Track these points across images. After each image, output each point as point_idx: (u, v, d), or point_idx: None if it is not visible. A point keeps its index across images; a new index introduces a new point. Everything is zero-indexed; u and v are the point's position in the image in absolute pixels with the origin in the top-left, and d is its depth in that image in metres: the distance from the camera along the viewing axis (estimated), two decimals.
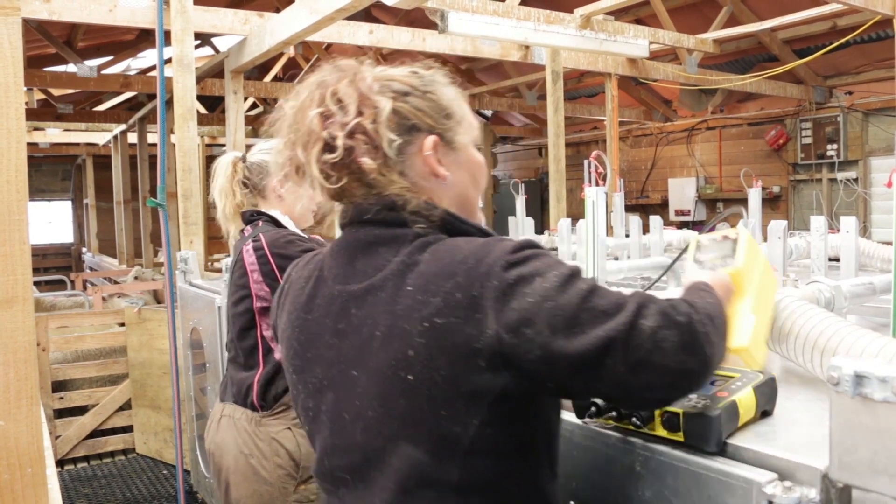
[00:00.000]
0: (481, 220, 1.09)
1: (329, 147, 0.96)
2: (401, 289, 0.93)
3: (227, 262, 2.59)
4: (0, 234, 1.17)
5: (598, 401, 1.15)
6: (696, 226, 7.72)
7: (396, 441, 0.93)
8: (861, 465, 0.89)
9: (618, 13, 4.75)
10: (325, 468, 1.04)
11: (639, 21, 6.11)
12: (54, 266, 12.46)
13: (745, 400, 1.09)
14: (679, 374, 0.86)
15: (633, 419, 1.10)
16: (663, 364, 0.84)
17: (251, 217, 2.02)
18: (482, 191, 1.11)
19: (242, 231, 2.04)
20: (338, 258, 1.03)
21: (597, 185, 2.07)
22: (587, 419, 1.17)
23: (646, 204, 8.74)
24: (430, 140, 0.99)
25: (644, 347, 0.84)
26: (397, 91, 0.99)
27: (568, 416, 1.25)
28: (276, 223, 2.00)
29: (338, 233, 1.08)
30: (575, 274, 0.91)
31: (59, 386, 4.62)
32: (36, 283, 8.22)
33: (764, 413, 1.15)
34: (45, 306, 6.14)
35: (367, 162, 0.95)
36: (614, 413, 1.11)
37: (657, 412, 1.07)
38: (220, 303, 2.79)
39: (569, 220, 2.86)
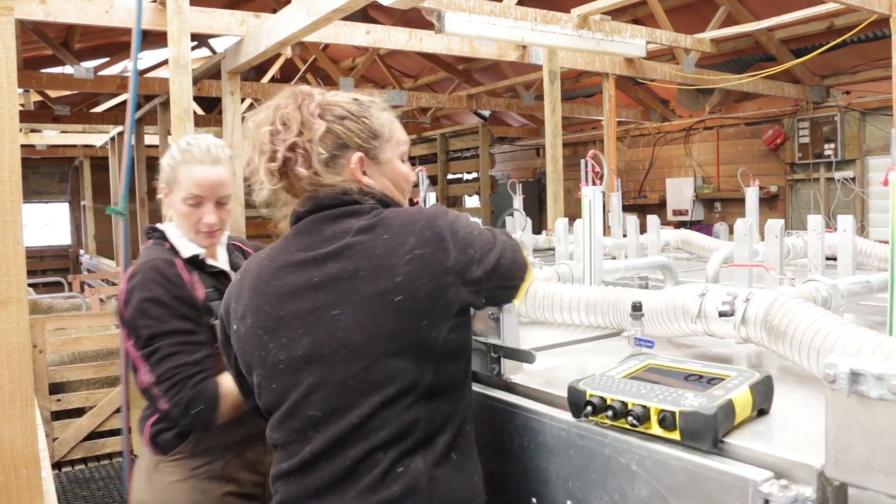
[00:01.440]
0: None
1: (272, 157, 1.25)
2: (376, 238, 1.20)
3: None
4: None
5: (594, 400, 1.14)
6: (694, 225, 7.73)
7: (380, 358, 1.16)
8: (857, 462, 0.89)
9: (615, 13, 4.74)
10: (293, 417, 1.21)
11: (636, 21, 6.11)
12: (51, 268, 12.43)
13: (741, 398, 1.09)
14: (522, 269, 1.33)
15: (629, 418, 1.09)
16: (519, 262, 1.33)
17: (147, 233, 1.84)
18: (406, 194, 1.40)
19: None
20: (302, 235, 1.27)
21: (593, 184, 2.07)
22: (583, 418, 1.17)
23: (643, 204, 8.73)
24: (357, 156, 1.28)
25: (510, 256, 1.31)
26: (336, 115, 1.27)
27: (564, 415, 1.25)
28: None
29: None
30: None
31: (56, 388, 4.61)
32: (33, 285, 8.20)
33: (761, 411, 1.15)
34: (43, 308, 6.12)
35: (300, 171, 1.25)
36: (610, 412, 1.11)
37: (654, 410, 1.07)
38: None
39: (566, 219, 2.86)
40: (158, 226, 1.82)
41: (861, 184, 6.93)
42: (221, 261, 1.85)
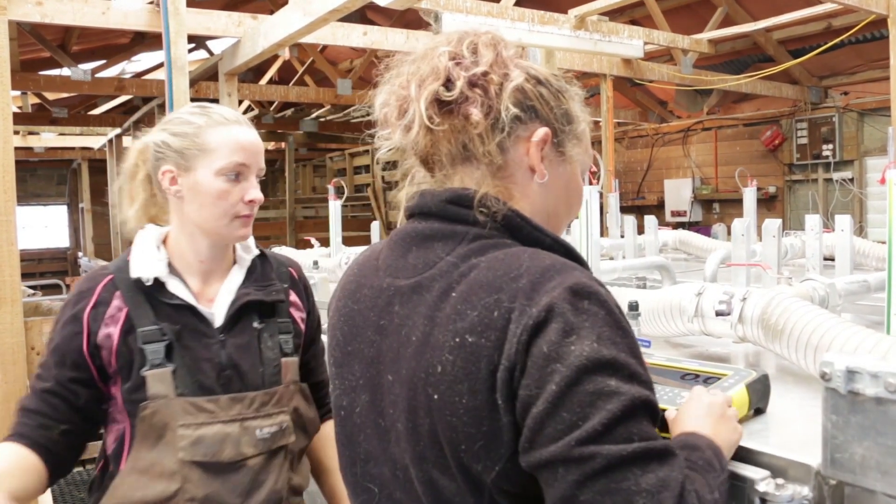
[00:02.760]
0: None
1: (447, 86, 0.88)
2: (446, 293, 0.84)
3: None
4: None
5: None
6: (693, 227, 7.73)
7: (422, 462, 0.84)
8: (853, 461, 0.89)
9: (612, 14, 4.75)
10: (354, 474, 0.96)
11: (633, 22, 6.11)
12: (50, 270, 12.43)
13: (738, 398, 1.08)
14: None
15: None
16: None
17: None
18: (573, 217, 1.04)
19: None
20: (394, 249, 0.94)
21: (590, 184, 2.07)
22: None
23: (642, 205, 8.74)
24: (543, 130, 0.91)
25: None
26: (532, 75, 0.93)
27: None
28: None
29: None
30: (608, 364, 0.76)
31: None
32: (31, 288, 8.19)
33: (757, 410, 1.15)
34: (41, 311, 6.12)
35: (475, 114, 0.87)
36: None
37: None
38: None
39: None
40: (147, 229, 1.34)
41: (859, 184, 6.93)
42: (225, 289, 1.33)
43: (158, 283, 1.25)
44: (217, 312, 1.29)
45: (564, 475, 0.72)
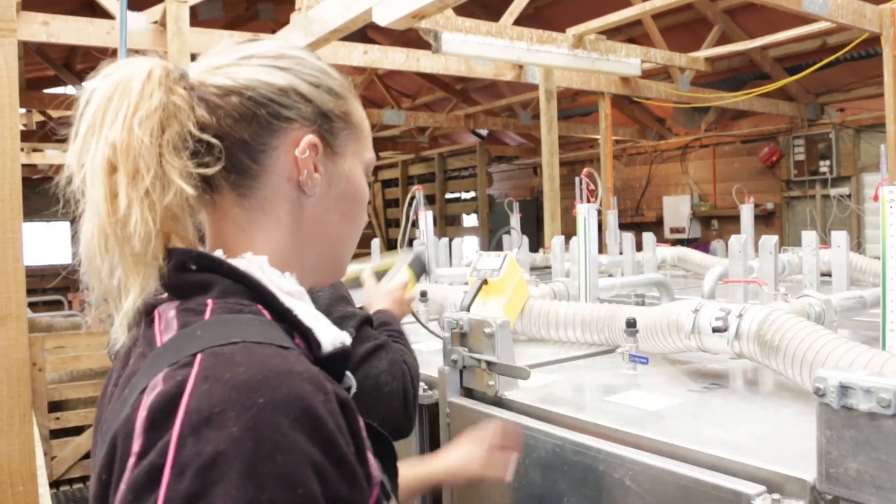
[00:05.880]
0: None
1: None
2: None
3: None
4: None
5: None
6: (691, 243, 7.75)
7: None
8: (848, 476, 0.90)
9: (610, 33, 4.80)
10: None
11: (631, 40, 6.17)
12: (52, 287, 12.43)
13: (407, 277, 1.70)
14: None
15: None
16: None
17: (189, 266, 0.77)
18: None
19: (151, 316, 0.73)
20: None
21: (588, 201, 2.09)
22: None
23: (640, 222, 8.77)
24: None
25: None
26: None
27: (559, 431, 1.26)
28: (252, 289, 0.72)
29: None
30: None
31: (55, 406, 4.60)
32: (33, 304, 8.20)
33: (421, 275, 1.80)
34: (42, 326, 6.13)
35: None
36: None
37: None
38: None
39: (562, 237, 2.88)
40: (226, 257, 0.72)
41: (856, 200, 6.96)
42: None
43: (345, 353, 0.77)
44: None
45: None
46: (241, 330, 0.61)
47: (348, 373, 0.77)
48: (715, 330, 1.46)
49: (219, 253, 0.72)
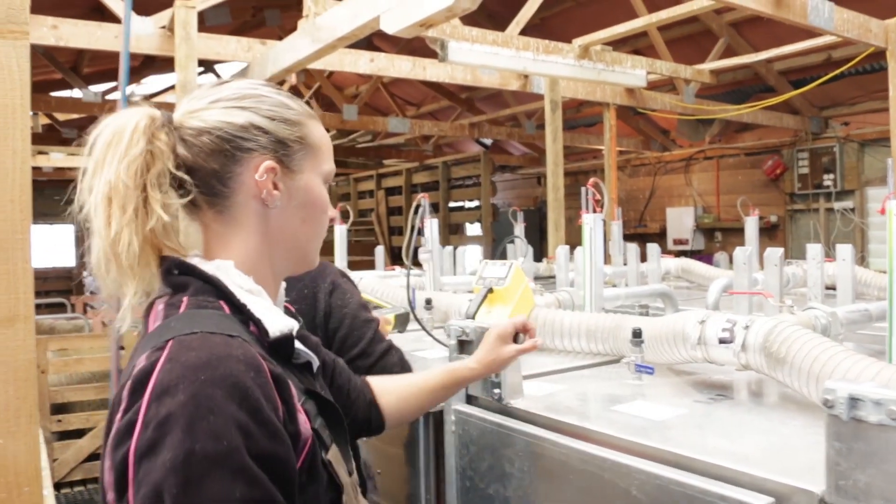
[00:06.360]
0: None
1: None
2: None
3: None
4: (3, 252, 1.18)
5: None
6: (695, 255, 7.74)
7: None
8: (857, 488, 0.90)
9: (616, 44, 4.81)
10: None
11: (637, 52, 6.19)
12: (55, 289, 12.44)
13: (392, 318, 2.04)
14: None
15: None
16: None
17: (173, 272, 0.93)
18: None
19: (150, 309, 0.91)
20: None
21: (594, 211, 2.09)
22: None
23: (644, 233, 8.76)
24: None
25: None
26: None
27: (565, 440, 1.26)
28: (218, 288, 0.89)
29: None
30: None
31: (57, 409, 4.59)
32: (36, 306, 8.18)
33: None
34: (45, 329, 6.12)
35: None
36: None
37: None
38: None
39: (567, 247, 2.88)
40: (195, 261, 0.91)
41: (860, 214, 6.96)
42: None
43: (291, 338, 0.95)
44: None
45: None
46: (201, 322, 0.81)
47: (307, 351, 0.96)
48: (721, 341, 1.46)
49: (196, 259, 0.90)
